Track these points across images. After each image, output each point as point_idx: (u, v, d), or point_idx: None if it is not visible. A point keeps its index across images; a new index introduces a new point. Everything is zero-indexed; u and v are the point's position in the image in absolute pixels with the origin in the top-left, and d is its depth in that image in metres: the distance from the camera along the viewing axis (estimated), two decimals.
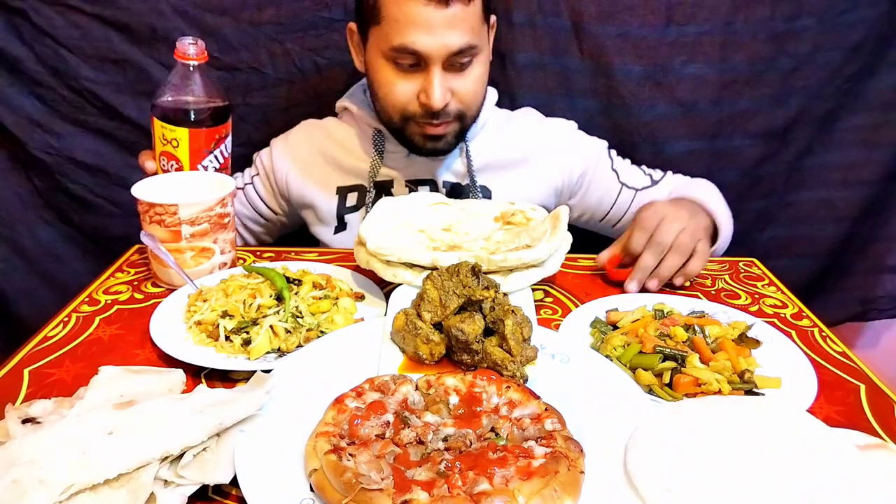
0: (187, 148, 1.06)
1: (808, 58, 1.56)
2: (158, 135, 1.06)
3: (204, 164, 1.12)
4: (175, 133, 1.05)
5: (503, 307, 0.86)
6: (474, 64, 1.23)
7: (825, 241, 1.75)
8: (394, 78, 1.23)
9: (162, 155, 1.07)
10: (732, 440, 0.69)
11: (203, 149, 1.07)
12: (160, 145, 1.07)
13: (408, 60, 1.19)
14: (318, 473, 0.65)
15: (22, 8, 1.49)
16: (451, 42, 1.16)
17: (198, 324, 0.97)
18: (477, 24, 1.20)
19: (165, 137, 1.06)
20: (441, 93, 1.19)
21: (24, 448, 0.66)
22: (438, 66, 1.18)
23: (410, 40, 1.15)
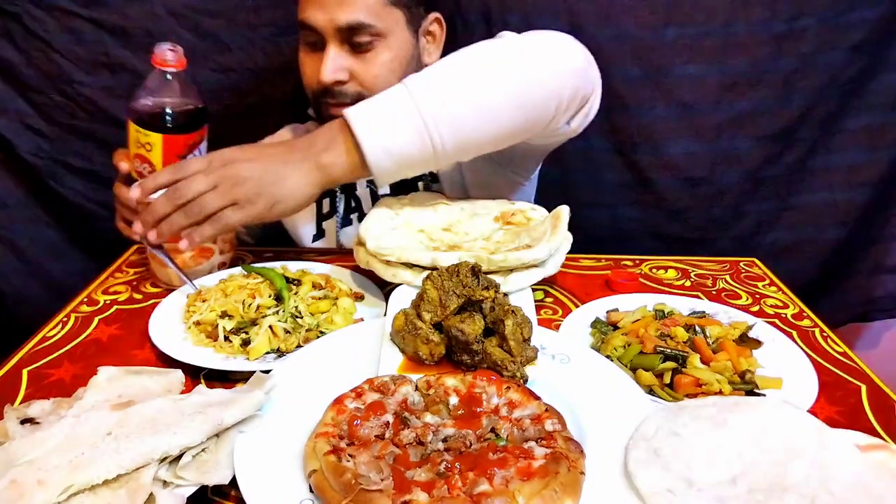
0: (160, 153, 1.04)
1: (809, 59, 1.56)
2: (133, 138, 1.05)
3: None
4: (149, 138, 1.03)
5: (503, 307, 0.86)
6: (379, 48, 1.21)
7: (828, 244, 1.75)
8: (303, 56, 1.26)
9: (136, 157, 1.06)
10: (733, 441, 0.69)
11: (176, 154, 1.05)
12: (134, 147, 1.05)
13: (310, 38, 1.21)
14: (317, 474, 0.64)
15: (16, 12, 1.49)
16: (338, 17, 1.16)
17: (197, 324, 0.97)
18: (376, 6, 1.19)
19: (139, 141, 1.05)
20: (331, 68, 1.19)
21: (23, 448, 0.66)
22: (333, 42, 1.19)
23: (305, 15, 1.19)
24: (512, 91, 1.01)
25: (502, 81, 1.01)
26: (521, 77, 1.02)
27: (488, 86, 1.00)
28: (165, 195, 0.96)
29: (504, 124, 1.03)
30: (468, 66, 1.02)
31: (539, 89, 1.03)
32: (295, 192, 0.99)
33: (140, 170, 1.06)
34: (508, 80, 1.01)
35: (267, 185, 0.97)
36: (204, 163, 0.97)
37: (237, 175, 0.96)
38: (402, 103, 0.98)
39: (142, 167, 1.06)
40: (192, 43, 1.54)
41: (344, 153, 0.99)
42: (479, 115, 1.00)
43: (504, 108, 1.01)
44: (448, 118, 0.98)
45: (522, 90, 1.02)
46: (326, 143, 1.00)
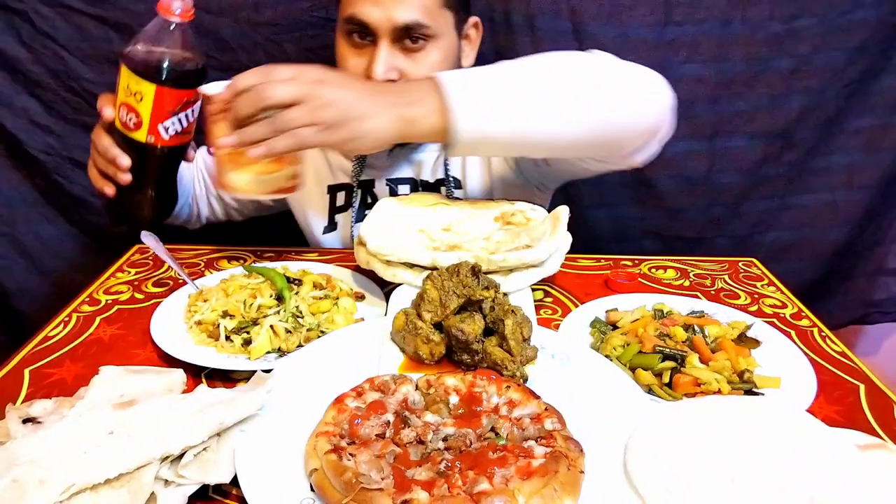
0: (150, 105, 0.98)
1: (808, 59, 1.56)
2: (123, 84, 0.98)
3: (165, 126, 1.01)
4: (140, 86, 0.96)
5: (503, 307, 0.86)
6: (429, 49, 1.21)
7: (828, 244, 1.75)
8: (347, 52, 1.23)
9: (123, 105, 0.99)
10: (732, 440, 0.69)
11: (167, 109, 0.99)
12: (123, 95, 0.98)
13: (358, 33, 1.19)
14: (318, 473, 0.65)
15: (23, 9, 1.50)
16: (396, 15, 1.15)
17: (198, 324, 0.97)
18: (432, 5, 1.19)
19: (130, 89, 0.97)
20: (383, 68, 1.17)
21: (25, 448, 0.66)
22: (386, 40, 1.17)
23: (358, 10, 1.17)
24: (606, 110, 1.04)
25: (600, 98, 1.03)
26: (618, 100, 1.05)
27: (585, 98, 1.02)
28: (250, 96, 0.91)
29: (586, 137, 1.05)
30: (568, 73, 1.04)
31: (631, 117, 1.07)
32: (376, 133, 0.94)
33: (125, 120, 1.00)
34: (607, 98, 1.04)
35: (352, 117, 0.92)
36: (293, 71, 0.93)
37: (326, 97, 0.91)
38: (500, 84, 0.99)
39: (128, 117, 1.00)
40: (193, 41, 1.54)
41: (433, 113, 0.95)
42: (568, 123, 1.01)
43: (593, 122, 1.03)
44: (541, 115, 0.99)
45: (615, 113, 1.05)
46: (417, 98, 0.96)
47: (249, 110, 0.91)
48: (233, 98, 0.92)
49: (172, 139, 1.03)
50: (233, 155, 1.00)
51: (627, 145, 1.10)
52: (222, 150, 1.00)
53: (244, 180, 1.04)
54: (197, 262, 1.26)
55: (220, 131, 0.97)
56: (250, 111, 0.91)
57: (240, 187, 1.05)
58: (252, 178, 1.04)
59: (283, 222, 1.65)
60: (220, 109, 0.97)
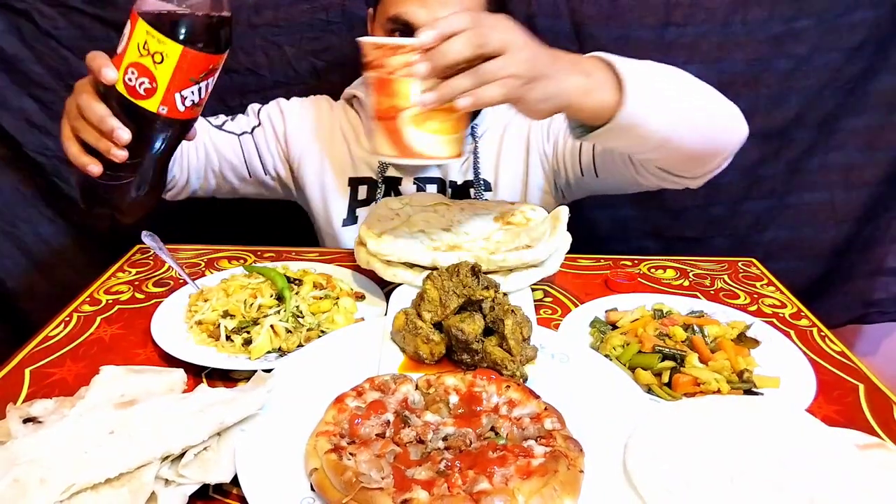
0: (171, 69, 0.84)
1: (807, 59, 1.56)
2: (138, 41, 0.83)
3: (183, 94, 0.88)
4: (164, 46, 0.82)
5: (503, 307, 0.86)
6: None
7: (826, 244, 1.75)
8: None
9: (133, 67, 0.83)
10: (731, 440, 0.69)
11: (189, 76, 0.86)
12: (135, 54, 0.83)
13: (401, 33, 1.18)
14: (318, 472, 0.65)
15: (25, 9, 1.50)
16: (441, 16, 1.14)
17: (199, 323, 0.97)
18: (475, 9, 1.17)
19: (148, 47, 0.83)
20: None
21: (26, 447, 0.66)
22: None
23: (403, 10, 1.16)
24: (720, 127, 1.09)
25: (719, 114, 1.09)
26: (727, 120, 1.10)
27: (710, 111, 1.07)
28: (465, 40, 0.80)
29: (699, 147, 1.08)
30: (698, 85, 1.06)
31: (729, 138, 1.11)
32: (559, 97, 0.88)
33: (133, 84, 0.84)
34: (722, 116, 1.10)
35: (544, 74, 0.85)
36: (494, 19, 0.84)
37: (525, 50, 0.83)
38: (656, 76, 0.99)
39: (138, 81, 0.84)
40: None
41: (606, 87, 0.91)
42: (694, 130, 1.04)
43: (709, 134, 1.07)
44: (681, 116, 1.00)
45: (723, 132, 1.10)
46: (590, 70, 0.91)
47: (465, 54, 0.80)
48: (437, 44, 0.80)
49: (186, 111, 0.89)
50: (419, 114, 0.87)
51: (710, 164, 1.14)
52: (421, 107, 0.85)
53: (429, 142, 0.90)
54: (197, 262, 1.26)
55: (412, 86, 0.84)
56: (465, 56, 0.80)
57: (425, 151, 0.91)
58: (438, 139, 0.91)
59: (284, 222, 1.66)
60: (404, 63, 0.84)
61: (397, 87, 0.86)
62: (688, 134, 1.02)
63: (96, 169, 0.88)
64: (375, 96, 0.89)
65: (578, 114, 0.94)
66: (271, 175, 1.45)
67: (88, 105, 0.86)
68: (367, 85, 0.90)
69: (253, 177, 1.44)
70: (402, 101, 0.86)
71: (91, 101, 0.86)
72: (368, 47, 0.88)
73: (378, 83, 0.88)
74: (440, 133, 0.90)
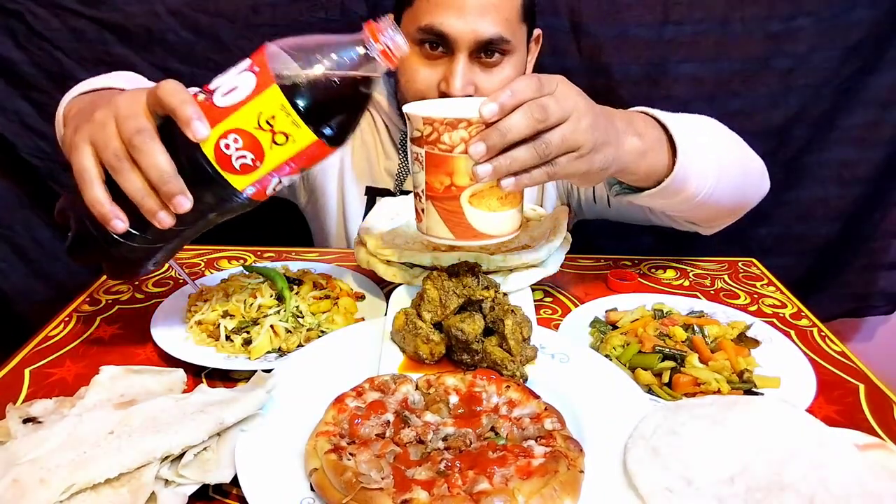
0: (286, 156, 0.70)
1: (805, 57, 1.57)
2: (262, 110, 0.67)
3: (281, 180, 0.74)
4: (296, 131, 0.68)
5: (503, 307, 0.86)
6: (504, 64, 1.18)
7: (821, 239, 1.76)
8: (418, 63, 1.19)
9: (238, 133, 0.67)
10: (732, 440, 0.69)
11: (300, 166, 0.72)
12: (251, 123, 0.67)
13: (434, 44, 1.16)
14: (318, 473, 0.65)
15: (18, 10, 1.49)
16: (481, 29, 1.12)
17: (198, 323, 0.97)
18: (513, 19, 1.16)
19: (271, 122, 0.67)
20: (462, 82, 1.13)
21: (25, 447, 0.66)
22: (465, 53, 1.14)
23: (439, 20, 1.12)
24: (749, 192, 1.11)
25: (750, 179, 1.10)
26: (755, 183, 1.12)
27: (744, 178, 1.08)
28: (531, 113, 0.72)
29: (726, 208, 1.09)
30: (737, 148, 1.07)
31: (752, 200, 1.14)
32: (617, 163, 0.82)
33: (229, 154, 0.68)
34: (752, 180, 1.10)
35: (603, 142, 0.78)
36: (555, 83, 0.75)
37: (588, 115, 0.76)
38: (702, 138, 0.96)
39: (238, 153, 0.68)
40: (192, 42, 1.54)
41: (659, 149, 0.88)
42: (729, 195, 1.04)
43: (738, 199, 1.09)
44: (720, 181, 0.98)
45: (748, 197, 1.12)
46: (643, 130, 0.87)
47: (526, 133, 0.72)
48: (501, 116, 0.72)
49: (267, 196, 0.75)
50: (480, 191, 0.78)
51: (730, 219, 1.16)
52: (479, 184, 0.76)
53: (491, 221, 0.80)
54: (197, 262, 1.26)
55: (469, 163, 0.74)
56: (526, 134, 0.72)
57: (486, 231, 0.80)
58: (501, 216, 0.80)
59: (283, 222, 1.65)
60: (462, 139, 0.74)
61: (456, 165, 0.76)
62: (724, 194, 1.02)
63: (122, 226, 0.70)
64: (429, 175, 0.78)
65: (628, 177, 0.90)
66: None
67: (150, 151, 0.67)
68: (416, 161, 0.79)
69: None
70: (462, 178, 0.76)
71: (154, 146, 0.67)
72: (417, 121, 0.76)
73: (432, 160, 0.77)
74: (503, 209, 0.80)
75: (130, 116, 0.68)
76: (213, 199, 0.72)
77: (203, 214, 0.73)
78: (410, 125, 0.78)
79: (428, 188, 0.79)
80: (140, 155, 0.67)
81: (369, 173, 1.40)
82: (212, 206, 0.73)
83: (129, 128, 0.68)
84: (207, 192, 0.71)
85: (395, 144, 1.38)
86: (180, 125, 0.67)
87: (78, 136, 0.71)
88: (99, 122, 0.70)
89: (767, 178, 1.14)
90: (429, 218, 0.81)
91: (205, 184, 0.70)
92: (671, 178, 0.89)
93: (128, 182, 0.68)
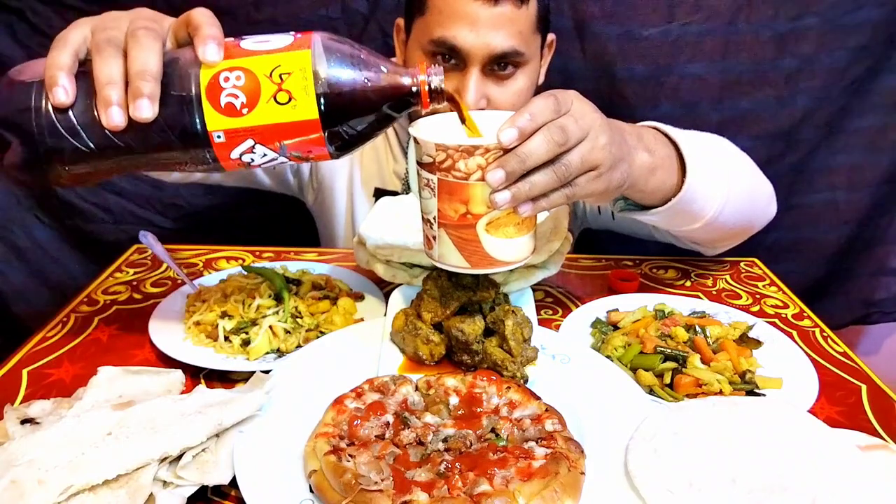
0: (278, 119, 0.66)
1: (812, 59, 1.56)
2: (281, 64, 0.65)
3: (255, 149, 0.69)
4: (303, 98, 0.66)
5: (503, 307, 0.86)
6: (518, 76, 1.16)
7: (829, 244, 1.75)
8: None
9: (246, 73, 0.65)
10: (733, 441, 0.69)
11: (281, 142, 0.68)
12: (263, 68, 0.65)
13: (446, 56, 1.13)
14: (317, 474, 0.64)
15: (19, 7, 1.49)
16: (494, 42, 1.09)
17: (197, 324, 0.97)
18: (527, 31, 1.13)
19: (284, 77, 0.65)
20: (476, 96, 1.11)
21: (23, 448, 0.66)
22: (477, 67, 1.11)
23: (452, 34, 1.09)
24: (755, 215, 1.10)
25: (758, 204, 1.09)
26: (763, 208, 1.11)
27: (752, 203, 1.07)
28: (548, 139, 0.69)
29: (730, 231, 1.07)
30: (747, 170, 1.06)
31: (758, 225, 1.13)
32: (629, 180, 0.80)
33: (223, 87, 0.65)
34: (760, 204, 1.09)
35: (619, 158, 0.77)
36: (571, 100, 0.73)
37: (605, 132, 0.74)
38: (710, 156, 0.94)
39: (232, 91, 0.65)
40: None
41: (669, 165, 0.86)
42: (734, 217, 1.02)
43: (744, 223, 1.07)
44: (728, 201, 0.97)
45: (754, 222, 1.11)
46: (653, 146, 0.85)
47: (545, 158, 0.70)
48: (520, 142, 0.69)
49: (230, 163, 0.70)
50: (495, 220, 0.74)
51: (735, 241, 1.15)
52: (495, 212, 0.73)
53: (507, 248, 0.77)
54: (195, 262, 1.26)
55: (486, 190, 0.71)
56: (546, 159, 0.70)
57: (503, 258, 0.77)
58: (517, 242, 0.77)
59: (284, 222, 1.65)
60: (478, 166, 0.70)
61: (472, 192, 0.72)
62: (731, 218, 1.01)
63: (63, 97, 0.64)
64: (442, 202, 0.75)
65: (636, 194, 0.88)
66: (293, 169, 1.45)
67: (146, 46, 0.64)
68: (426, 187, 0.75)
69: (276, 169, 1.42)
70: (478, 206, 0.73)
71: (154, 44, 0.64)
72: (430, 147, 0.72)
73: (446, 188, 0.73)
74: (518, 235, 0.77)
75: (147, 19, 0.66)
76: (176, 128, 0.65)
77: (154, 141, 0.66)
78: (419, 149, 0.74)
79: (441, 216, 0.75)
80: (135, 45, 0.64)
81: (378, 175, 1.40)
82: (170, 136, 0.66)
83: (139, 24, 0.65)
84: (175, 119, 0.65)
85: (402, 148, 1.39)
86: (196, 42, 0.64)
87: (80, 20, 0.67)
88: (112, 14, 0.67)
89: (775, 203, 1.13)
90: (441, 246, 0.78)
91: (178, 107, 0.65)
92: (678, 198, 0.88)
93: (104, 64, 0.64)
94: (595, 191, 0.76)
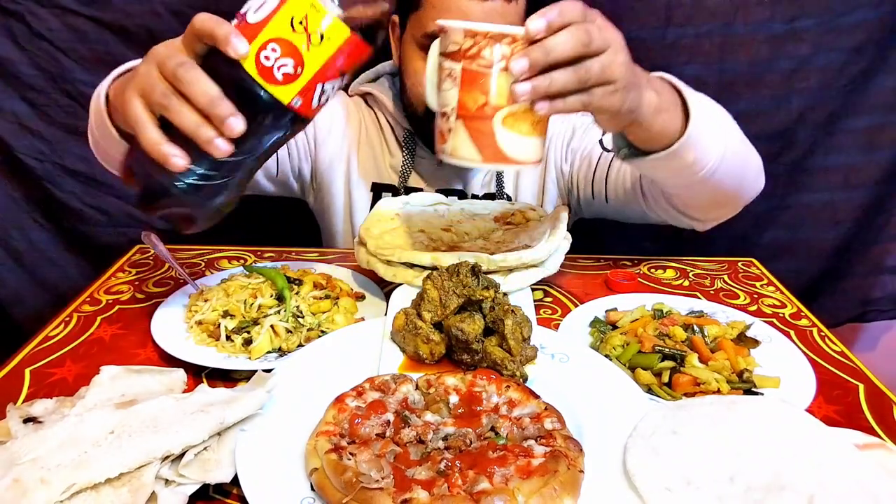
0: (326, 56, 0.70)
1: (808, 59, 1.56)
2: (294, 13, 0.68)
3: (324, 88, 0.73)
4: (330, 27, 0.68)
5: (503, 307, 0.86)
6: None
7: (826, 244, 1.75)
8: (423, 66, 1.20)
9: (275, 42, 0.68)
10: (731, 440, 0.69)
11: (339, 69, 0.71)
12: (284, 28, 0.68)
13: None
14: (318, 472, 0.65)
15: (18, 11, 1.49)
16: None
17: (199, 323, 0.97)
18: (518, 21, 1.15)
19: (306, 23, 0.67)
20: None
21: (26, 447, 0.66)
22: None
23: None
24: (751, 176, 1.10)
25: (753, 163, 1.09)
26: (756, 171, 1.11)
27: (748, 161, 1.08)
28: (576, 35, 0.72)
29: (728, 189, 1.07)
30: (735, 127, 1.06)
31: (750, 192, 1.12)
32: (640, 110, 0.83)
33: (270, 65, 0.68)
34: (753, 165, 1.09)
35: (634, 83, 0.80)
36: (597, 14, 0.77)
37: (624, 51, 0.77)
38: (712, 109, 0.98)
39: (278, 62, 0.69)
40: None
41: (674, 110, 0.89)
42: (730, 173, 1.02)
43: (740, 180, 1.07)
44: (726, 154, 0.98)
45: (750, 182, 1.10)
46: (661, 89, 0.88)
47: (570, 54, 0.72)
48: (547, 34, 0.71)
49: (315, 110, 0.74)
50: (514, 113, 0.76)
51: (726, 210, 1.15)
52: (513, 106, 0.75)
53: (520, 145, 0.79)
54: (197, 262, 1.26)
55: (507, 82, 0.74)
56: (570, 56, 0.72)
57: (513, 155, 0.79)
58: (528, 141, 0.79)
59: (283, 222, 1.65)
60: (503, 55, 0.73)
61: (494, 83, 0.74)
62: (726, 175, 1.02)
63: (181, 163, 0.69)
64: (463, 92, 0.76)
65: (641, 133, 0.91)
66: (294, 174, 1.45)
67: (194, 79, 0.67)
68: (448, 77, 0.77)
69: (280, 174, 1.42)
70: (498, 98, 0.75)
71: (198, 74, 0.68)
72: (457, 34, 0.75)
73: (468, 77, 0.75)
74: (531, 135, 0.79)
75: (169, 56, 0.69)
76: (263, 118, 0.71)
77: (257, 138, 0.73)
78: (445, 38, 0.77)
79: (460, 107, 0.77)
80: (185, 86, 0.67)
81: (375, 170, 1.41)
82: (264, 126, 0.72)
83: (171, 65, 0.68)
84: (257, 113, 0.70)
85: (398, 142, 1.39)
86: (219, 45, 0.67)
87: (127, 93, 0.72)
88: (143, 73, 0.71)
89: (763, 176, 1.14)
90: (456, 138, 0.80)
91: (252, 103, 0.70)
92: (681, 142, 0.90)
93: (179, 116, 0.68)
94: (609, 106, 0.78)
